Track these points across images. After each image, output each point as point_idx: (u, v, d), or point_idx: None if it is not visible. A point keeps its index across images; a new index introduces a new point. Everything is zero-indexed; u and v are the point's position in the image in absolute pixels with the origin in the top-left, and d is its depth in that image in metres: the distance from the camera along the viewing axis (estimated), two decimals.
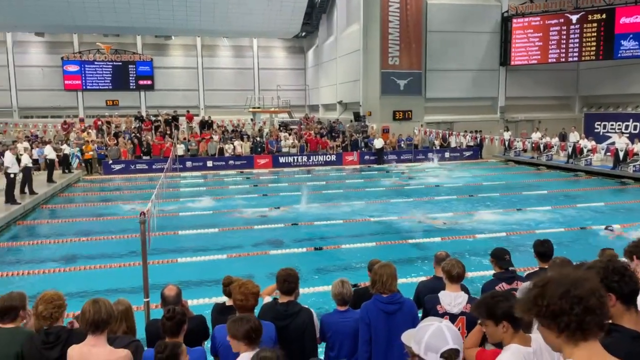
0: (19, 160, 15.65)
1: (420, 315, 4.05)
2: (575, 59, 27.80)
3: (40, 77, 35.69)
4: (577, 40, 27.33)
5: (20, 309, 3.56)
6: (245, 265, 9.45)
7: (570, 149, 23.65)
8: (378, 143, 26.41)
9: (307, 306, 4.00)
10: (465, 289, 4.21)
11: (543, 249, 4.73)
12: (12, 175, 14.70)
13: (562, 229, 12.07)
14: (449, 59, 29.16)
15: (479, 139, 27.26)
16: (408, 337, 2.12)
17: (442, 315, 3.88)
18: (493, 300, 2.65)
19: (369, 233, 12.09)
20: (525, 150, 26.61)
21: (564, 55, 28.10)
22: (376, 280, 3.80)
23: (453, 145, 28.03)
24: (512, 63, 30.14)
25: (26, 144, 21.24)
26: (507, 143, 26.59)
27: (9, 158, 14.90)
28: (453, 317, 3.86)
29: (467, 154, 27.79)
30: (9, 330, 3.47)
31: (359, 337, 3.84)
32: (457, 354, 1.96)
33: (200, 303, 7.32)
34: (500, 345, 2.66)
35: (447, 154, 27.49)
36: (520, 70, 30.53)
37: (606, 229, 11.58)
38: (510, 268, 4.66)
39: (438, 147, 27.79)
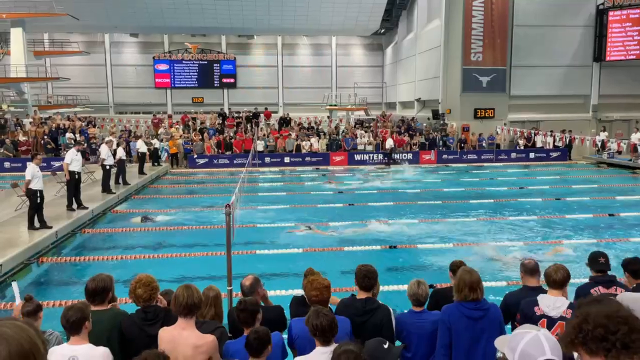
0: (114, 153, 16.88)
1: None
2: None
3: (134, 75, 38.28)
4: None
5: (110, 291, 3.84)
6: (320, 261, 9.56)
7: None
8: (388, 143, 25.40)
9: (385, 303, 4.00)
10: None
11: (637, 267, 4.39)
12: (107, 167, 15.91)
13: None
14: (536, 54, 27.71)
15: (568, 139, 25.64)
16: (502, 343, 2.03)
17: (539, 318, 3.72)
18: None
19: (444, 234, 11.81)
20: (620, 152, 24.69)
21: None
22: (461, 288, 3.68)
23: (539, 145, 26.61)
24: (608, 58, 28.08)
25: (110, 138, 22.17)
26: (600, 143, 24.78)
27: (104, 151, 16.12)
28: (551, 321, 3.69)
29: (555, 154, 26.28)
30: (105, 312, 3.76)
31: (437, 340, 3.77)
32: None
33: (277, 294, 7.53)
34: None
35: (531, 155, 26.17)
36: (616, 66, 28.39)
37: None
38: (610, 272, 4.43)
39: (522, 147, 26.54)
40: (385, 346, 2.74)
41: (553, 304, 3.75)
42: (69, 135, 24.32)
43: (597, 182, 19.70)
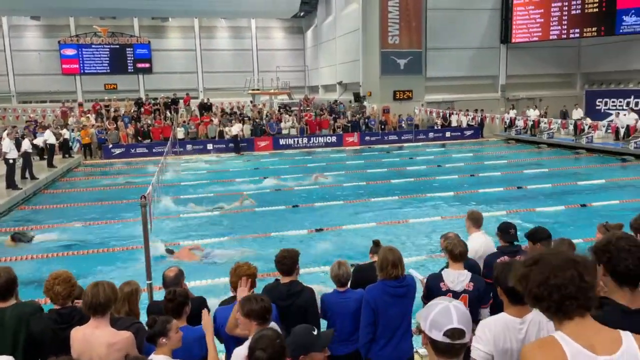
0: (18, 146, 15.60)
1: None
2: (577, 35, 27.49)
3: (38, 61, 35.40)
4: (578, 17, 27.00)
5: (16, 283, 3.51)
6: (248, 247, 9.50)
7: (572, 127, 23.51)
8: (235, 129, 24.67)
9: (309, 285, 4.03)
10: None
11: (542, 235, 4.53)
12: (11, 161, 14.67)
13: (562, 206, 12.08)
14: (449, 37, 28.86)
15: (479, 118, 27.13)
16: (419, 314, 2.15)
17: (445, 293, 3.90)
18: (500, 266, 2.78)
19: (370, 214, 12.11)
20: (526, 129, 26.51)
21: (565, 31, 27.78)
22: (384, 266, 3.78)
23: (454, 124, 27.90)
24: (513, 40, 29.83)
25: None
26: (508, 121, 26.47)
27: (7, 143, 14.82)
28: (456, 295, 3.87)
29: (468, 133, 27.69)
30: (9, 309, 3.42)
31: (361, 318, 3.85)
32: (462, 334, 1.93)
33: (203, 284, 7.40)
34: None
35: (447, 134, 27.40)
36: (521, 47, 30.25)
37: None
38: (516, 243, 4.74)
39: (439, 127, 27.70)
40: (315, 332, 2.68)
41: (457, 278, 3.97)
42: None
43: (506, 158, 21.02)
